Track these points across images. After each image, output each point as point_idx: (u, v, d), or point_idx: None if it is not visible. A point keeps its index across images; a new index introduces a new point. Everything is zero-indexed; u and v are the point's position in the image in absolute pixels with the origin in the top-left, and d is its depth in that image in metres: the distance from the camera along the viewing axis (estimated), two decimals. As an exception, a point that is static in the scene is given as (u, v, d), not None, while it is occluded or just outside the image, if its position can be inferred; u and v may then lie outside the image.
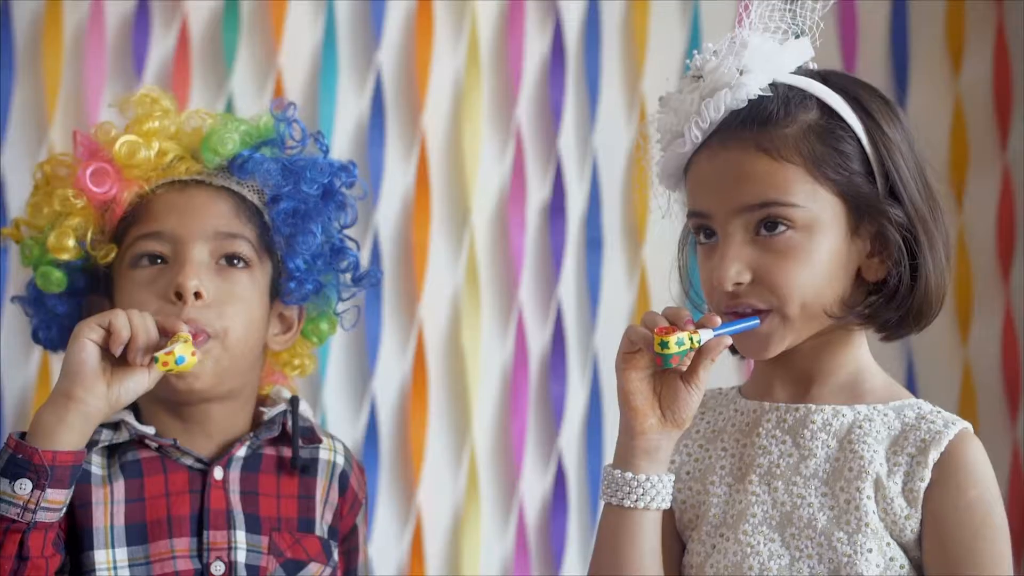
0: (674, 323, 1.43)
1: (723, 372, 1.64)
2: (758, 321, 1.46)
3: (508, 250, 2.33)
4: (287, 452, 1.72)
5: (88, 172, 1.69)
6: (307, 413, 1.76)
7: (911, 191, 1.47)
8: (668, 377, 1.47)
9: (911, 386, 2.40)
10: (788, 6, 1.53)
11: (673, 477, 1.49)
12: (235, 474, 1.68)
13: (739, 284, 1.47)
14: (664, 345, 1.41)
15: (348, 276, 1.80)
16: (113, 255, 1.69)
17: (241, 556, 1.64)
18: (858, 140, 1.47)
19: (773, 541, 1.48)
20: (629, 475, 1.46)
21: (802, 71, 1.52)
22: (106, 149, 1.71)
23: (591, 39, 2.38)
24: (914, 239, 1.46)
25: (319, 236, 1.74)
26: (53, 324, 1.76)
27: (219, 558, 1.63)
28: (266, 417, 1.72)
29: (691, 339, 1.42)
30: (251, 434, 1.70)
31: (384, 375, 2.28)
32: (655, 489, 1.46)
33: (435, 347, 2.31)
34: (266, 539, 1.66)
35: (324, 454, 1.75)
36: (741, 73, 1.48)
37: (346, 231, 1.80)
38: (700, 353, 1.45)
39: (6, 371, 2.14)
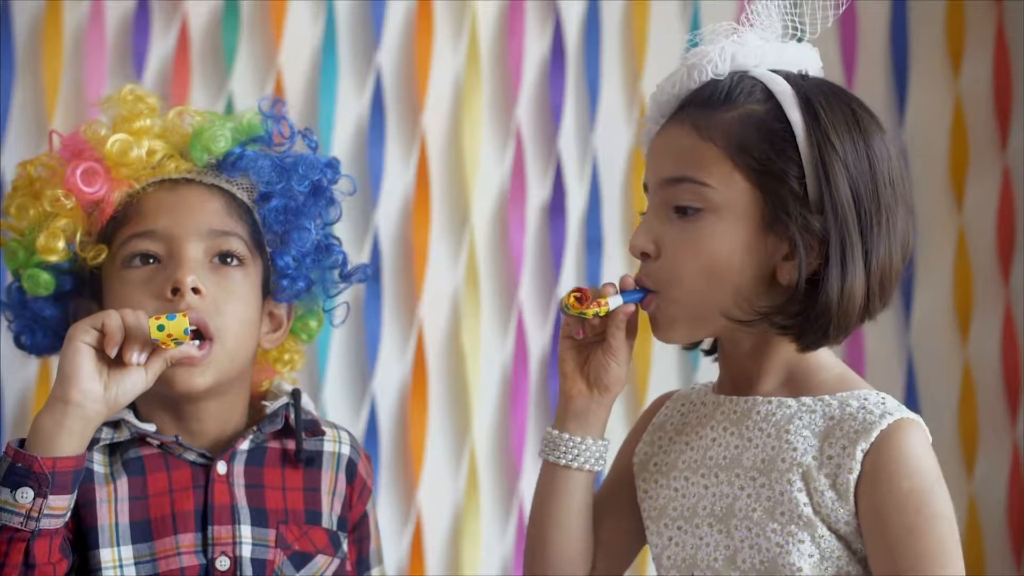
0: (601, 292, 1.52)
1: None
2: (641, 296, 1.51)
3: (508, 250, 2.34)
4: (291, 445, 1.71)
5: (79, 172, 1.67)
6: (308, 406, 1.76)
7: (840, 201, 1.44)
8: (595, 346, 1.55)
9: (911, 386, 2.40)
10: (794, 10, 1.54)
11: (607, 443, 1.58)
12: (239, 468, 1.67)
13: (646, 256, 1.50)
14: (566, 307, 1.52)
15: (336, 272, 1.80)
16: (104, 256, 1.68)
17: (246, 551, 1.63)
18: (796, 140, 1.46)
19: (720, 532, 1.49)
20: (556, 433, 1.57)
21: (782, 71, 1.51)
22: (96, 148, 1.69)
23: (591, 39, 2.38)
24: (827, 249, 1.44)
25: (314, 232, 1.74)
26: (38, 328, 1.74)
27: (224, 553, 1.62)
28: (269, 410, 1.71)
29: (596, 312, 1.51)
30: (255, 428, 1.69)
31: (384, 375, 2.28)
32: (577, 449, 1.56)
33: (435, 347, 2.31)
34: (273, 532, 1.65)
35: (329, 446, 1.74)
36: (708, 58, 1.50)
37: (344, 231, 1.80)
38: (606, 321, 1.53)
39: (6, 374, 2.14)
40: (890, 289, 1.48)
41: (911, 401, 2.40)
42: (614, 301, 1.51)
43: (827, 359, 1.52)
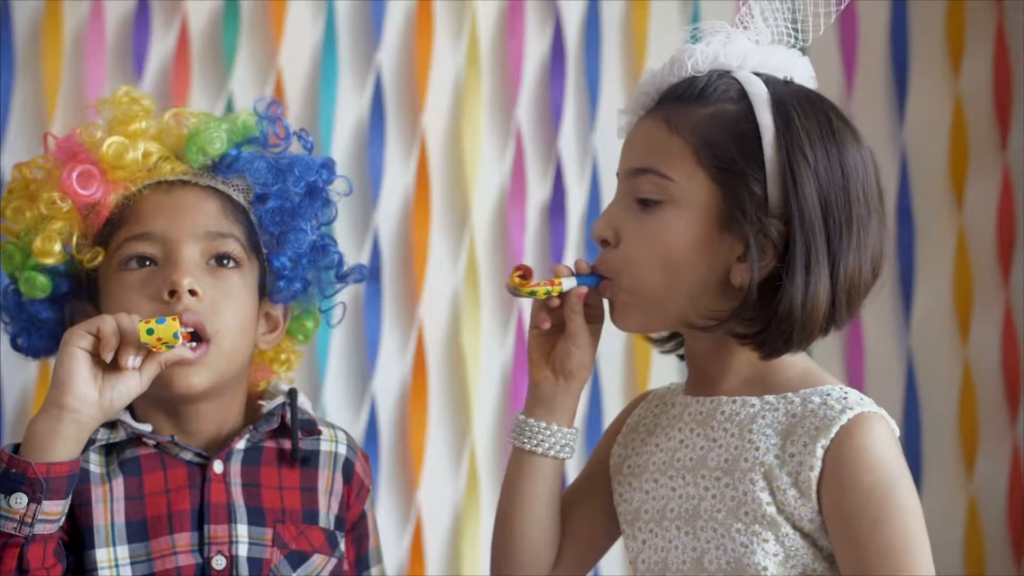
0: (555, 272, 1.55)
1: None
2: (596, 281, 1.53)
3: (508, 250, 2.34)
4: (287, 444, 1.71)
5: (75, 174, 1.67)
6: (305, 406, 1.76)
7: (807, 209, 1.44)
8: (560, 334, 1.56)
9: (911, 386, 2.40)
10: (787, 15, 1.54)
11: (575, 431, 1.59)
12: (236, 467, 1.67)
13: (606, 243, 1.52)
14: (512, 288, 1.55)
15: (332, 273, 1.80)
16: (100, 259, 1.68)
17: (242, 550, 1.63)
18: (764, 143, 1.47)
19: (688, 534, 1.49)
20: (523, 418, 1.60)
21: (764, 75, 1.51)
22: (91, 151, 1.69)
23: (591, 39, 2.38)
24: (787, 255, 1.44)
25: (310, 234, 1.74)
26: (35, 331, 1.74)
27: (220, 552, 1.63)
28: (265, 410, 1.71)
29: (548, 290, 1.53)
30: (251, 427, 1.69)
31: (384, 375, 2.29)
32: (541, 435, 1.58)
33: (435, 347, 2.31)
34: (270, 531, 1.65)
35: (325, 445, 1.74)
36: (690, 54, 1.51)
37: (344, 231, 1.80)
38: (563, 306, 1.55)
39: (5, 375, 2.14)
40: (858, 300, 1.48)
41: (911, 401, 2.40)
42: (568, 282, 1.54)
43: (791, 356, 1.51)
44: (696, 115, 1.48)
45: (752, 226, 1.45)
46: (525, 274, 1.54)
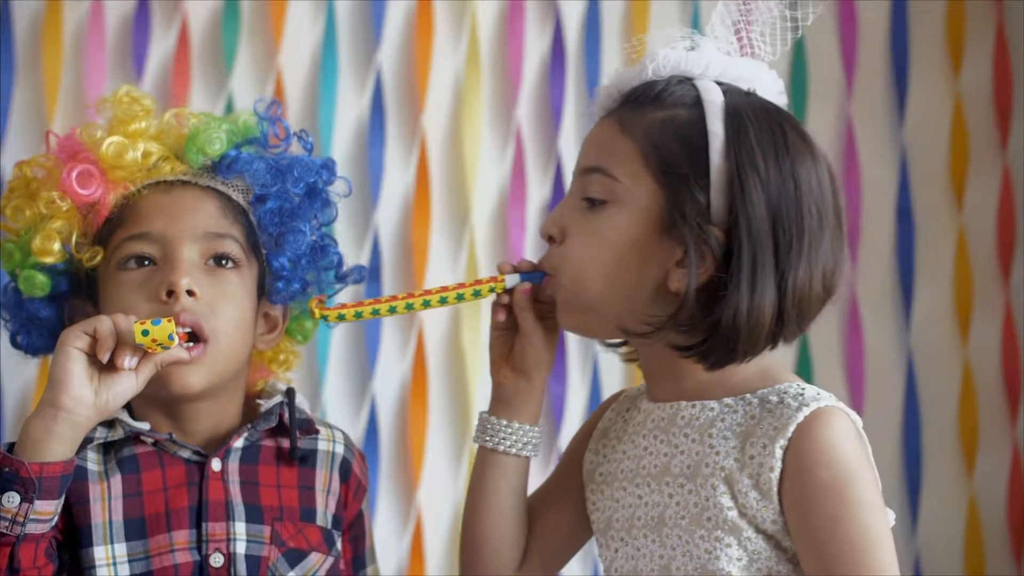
0: (499, 269, 1.58)
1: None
2: (539, 277, 1.55)
3: (508, 250, 2.34)
4: (285, 443, 1.71)
5: (74, 174, 1.67)
6: (303, 405, 1.76)
7: (754, 219, 1.43)
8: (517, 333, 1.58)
9: (911, 386, 2.40)
10: (754, 27, 1.55)
11: (538, 430, 1.62)
12: (234, 465, 1.67)
13: (552, 239, 1.53)
14: (323, 317, 1.58)
15: (332, 273, 1.80)
16: (99, 258, 1.68)
17: (240, 548, 1.63)
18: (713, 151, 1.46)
19: (655, 542, 1.49)
20: (486, 416, 1.63)
21: (726, 85, 1.51)
22: (91, 150, 1.69)
23: (591, 39, 2.38)
24: (732, 264, 1.43)
25: (309, 235, 1.74)
26: (34, 329, 1.74)
27: (218, 550, 1.63)
28: (263, 409, 1.71)
29: (492, 287, 1.56)
30: (248, 425, 1.69)
31: (384, 375, 2.29)
32: (503, 433, 1.61)
33: (435, 347, 2.31)
34: (268, 529, 1.65)
35: (323, 445, 1.74)
36: (651, 58, 1.52)
37: (344, 231, 1.80)
38: (511, 304, 1.57)
39: (5, 374, 2.14)
40: (808, 315, 1.47)
41: (911, 401, 2.40)
42: (511, 279, 1.56)
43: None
44: (648, 118, 1.48)
45: (691, 232, 1.44)
46: (320, 303, 1.58)
